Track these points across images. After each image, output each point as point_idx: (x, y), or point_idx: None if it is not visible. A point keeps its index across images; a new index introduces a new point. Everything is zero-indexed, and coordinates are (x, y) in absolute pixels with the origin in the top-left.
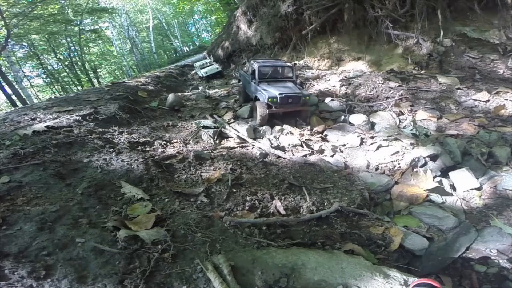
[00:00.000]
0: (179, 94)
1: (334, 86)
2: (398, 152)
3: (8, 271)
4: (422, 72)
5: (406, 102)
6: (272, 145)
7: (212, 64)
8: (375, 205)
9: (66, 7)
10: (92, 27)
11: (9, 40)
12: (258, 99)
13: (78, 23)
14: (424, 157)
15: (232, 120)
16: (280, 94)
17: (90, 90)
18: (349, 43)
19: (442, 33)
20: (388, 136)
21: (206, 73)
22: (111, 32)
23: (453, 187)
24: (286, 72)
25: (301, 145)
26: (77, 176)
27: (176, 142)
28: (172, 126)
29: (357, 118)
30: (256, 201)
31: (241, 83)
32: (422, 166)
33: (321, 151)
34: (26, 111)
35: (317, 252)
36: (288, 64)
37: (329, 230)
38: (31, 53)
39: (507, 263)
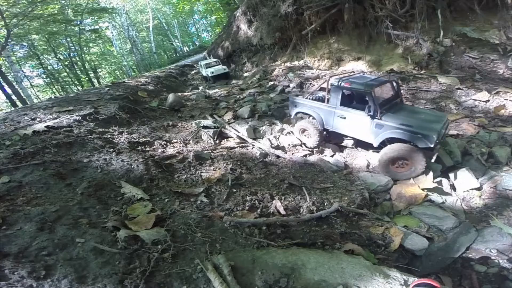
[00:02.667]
0: (179, 94)
1: None
2: None
3: (8, 271)
4: (422, 72)
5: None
6: (272, 145)
7: (219, 64)
8: (375, 205)
9: (66, 7)
10: (92, 27)
11: (9, 40)
12: (392, 141)
13: (78, 23)
14: None
15: (232, 120)
16: (440, 129)
17: (90, 90)
18: (349, 43)
19: (442, 33)
20: None
21: (213, 73)
22: (111, 32)
23: (453, 187)
24: (390, 89)
25: (301, 145)
26: (77, 176)
27: (176, 142)
28: (172, 126)
29: None
30: (256, 201)
31: (303, 115)
32: None
33: (321, 151)
34: (26, 111)
35: (317, 252)
36: (386, 78)
37: (329, 230)
38: (31, 53)
39: (507, 263)
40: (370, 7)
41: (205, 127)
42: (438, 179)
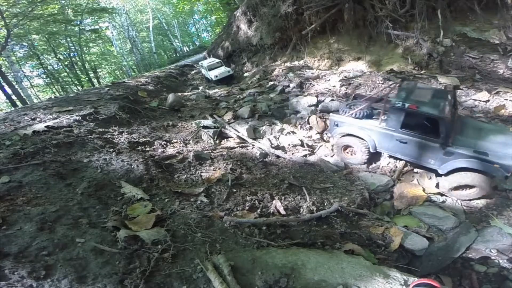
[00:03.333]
0: (179, 94)
1: (334, 86)
2: None
3: (8, 271)
4: (422, 72)
5: None
6: (272, 145)
7: (222, 65)
8: (375, 205)
9: (66, 7)
10: (92, 27)
11: (9, 40)
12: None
13: (78, 23)
14: None
15: (232, 120)
16: None
17: (90, 90)
18: (349, 43)
19: (442, 33)
20: None
21: (217, 76)
22: (111, 32)
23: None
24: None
25: (302, 145)
26: (77, 176)
27: (176, 142)
28: (172, 126)
29: None
30: (256, 201)
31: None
32: None
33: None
34: (26, 111)
35: (317, 252)
36: (444, 89)
37: (329, 230)
38: (31, 53)
39: (507, 263)
40: (370, 7)
41: (205, 127)
42: (439, 179)
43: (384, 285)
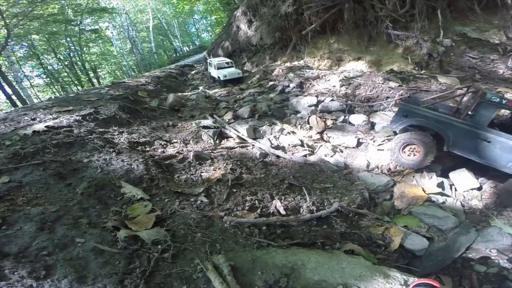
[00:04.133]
0: (179, 94)
1: (334, 86)
2: None
3: (8, 271)
4: (422, 72)
5: None
6: (272, 145)
7: (232, 66)
8: (375, 205)
9: (66, 7)
10: (92, 27)
11: (9, 40)
12: None
13: (78, 23)
14: None
15: (232, 120)
16: None
17: (90, 90)
18: (349, 43)
19: (442, 33)
20: (388, 136)
21: (226, 76)
22: (111, 32)
23: (453, 187)
24: None
25: (302, 145)
26: (77, 176)
27: (176, 142)
28: (172, 126)
29: (357, 118)
30: (256, 201)
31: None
32: None
33: (321, 151)
34: (26, 111)
35: (317, 252)
36: None
37: (329, 230)
38: (31, 53)
39: (507, 263)
40: (370, 7)
41: (205, 127)
42: (439, 179)
43: (384, 285)
